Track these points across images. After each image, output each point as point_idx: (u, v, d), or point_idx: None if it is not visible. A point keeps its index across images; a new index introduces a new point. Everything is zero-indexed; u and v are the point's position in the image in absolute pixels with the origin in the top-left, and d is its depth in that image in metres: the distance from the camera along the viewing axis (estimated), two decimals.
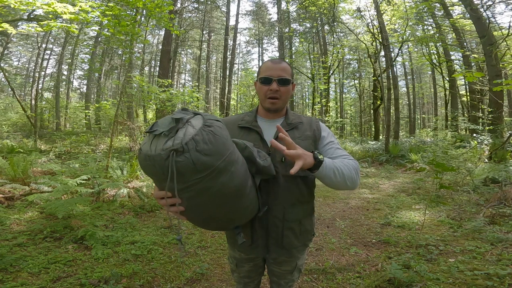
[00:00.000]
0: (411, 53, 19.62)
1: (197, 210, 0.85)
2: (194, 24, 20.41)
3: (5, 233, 2.86)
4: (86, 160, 5.92)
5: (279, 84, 1.07)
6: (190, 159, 0.70)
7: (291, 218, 1.10)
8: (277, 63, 1.10)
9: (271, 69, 1.08)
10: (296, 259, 1.21)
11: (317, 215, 4.09)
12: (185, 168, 0.71)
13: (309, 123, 1.17)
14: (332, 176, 0.96)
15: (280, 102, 1.10)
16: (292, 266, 1.21)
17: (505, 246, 2.64)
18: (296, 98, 30.70)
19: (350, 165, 1.02)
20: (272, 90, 1.07)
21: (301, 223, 1.13)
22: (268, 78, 1.08)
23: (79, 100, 25.70)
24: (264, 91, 1.10)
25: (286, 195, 1.08)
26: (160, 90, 7.79)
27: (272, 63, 1.10)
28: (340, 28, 17.46)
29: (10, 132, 12.54)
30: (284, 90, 1.09)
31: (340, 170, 0.97)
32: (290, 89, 1.11)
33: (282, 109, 1.14)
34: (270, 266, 1.26)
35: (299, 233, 1.13)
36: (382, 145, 10.98)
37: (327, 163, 0.95)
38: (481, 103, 10.90)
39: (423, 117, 28.14)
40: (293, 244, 1.13)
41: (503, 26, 11.10)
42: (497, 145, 7.07)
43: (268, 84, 1.08)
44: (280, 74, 1.07)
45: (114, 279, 2.16)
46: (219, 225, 0.99)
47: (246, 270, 1.27)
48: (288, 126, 1.12)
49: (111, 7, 4.87)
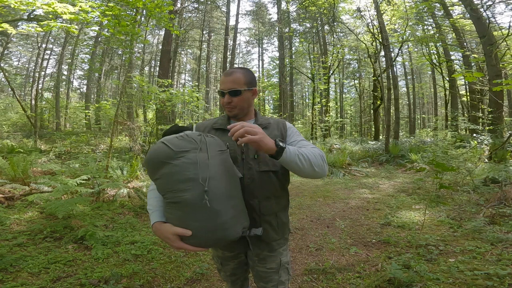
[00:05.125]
0: (411, 53, 19.63)
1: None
2: (194, 24, 20.42)
3: (5, 233, 2.86)
4: (86, 160, 5.92)
5: (230, 95, 1.15)
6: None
7: (267, 212, 1.16)
8: (228, 75, 1.17)
9: (223, 83, 1.17)
10: (279, 254, 1.23)
11: (317, 215, 4.09)
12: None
13: (276, 123, 1.26)
14: (298, 162, 1.00)
15: (236, 110, 1.19)
16: (276, 263, 1.22)
17: (505, 246, 2.64)
18: (296, 98, 30.71)
19: (316, 152, 1.07)
20: (226, 102, 1.17)
21: (277, 216, 1.21)
22: (221, 92, 1.17)
23: (79, 100, 25.68)
24: (221, 102, 1.20)
25: (260, 190, 1.15)
26: (160, 90, 7.78)
27: (224, 76, 1.18)
28: (340, 28, 17.47)
29: (10, 132, 12.55)
30: (237, 100, 1.16)
31: (305, 156, 1.02)
32: (244, 97, 1.18)
33: (242, 114, 1.22)
34: (255, 267, 1.25)
35: (277, 226, 1.20)
36: (382, 145, 10.98)
37: (290, 149, 0.99)
38: (481, 103, 10.90)
39: (423, 117, 28.13)
40: (272, 237, 1.19)
41: (503, 26, 11.11)
42: (497, 145, 7.07)
43: (222, 97, 1.18)
44: (230, 86, 1.15)
45: (114, 279, 2.16)
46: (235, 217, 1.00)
47: (231, 268, 1.32)
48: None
49: (111, 7, 4.87)
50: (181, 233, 0.92)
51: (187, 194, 0.91)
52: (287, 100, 19.06)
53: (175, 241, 0.94)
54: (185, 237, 0.93)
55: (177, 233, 0.93)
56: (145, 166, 1.03)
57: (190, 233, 0.92)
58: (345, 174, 7.49)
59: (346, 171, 7.77)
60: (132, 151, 7.17)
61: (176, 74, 22.00)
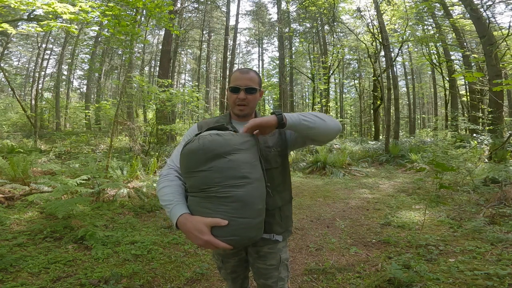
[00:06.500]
0: (411, 53, 19.63)
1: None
2: (194, 24, 20.41)
3: (5, 233, 2.86)
4: (86, 160, 5.92)
5: (246, 92, 1.17)
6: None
7: (271, 206, 1.16)
8: (245, 73, 1.19)
9: (239, 79, 1.17)
10: (279, 251, 1.24)
11: (317, 215, 4.09)
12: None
13: None
14: (305, 122, 1.04)
15: (248, 108, 1.21)
16: (276, 259, 1.23)
17: (505, 246, 2.64)
18: (296, 98, 30.72)
19: (316, 112, 1.11)
20: (240, 99, 1.17)
21: (281, 209, 1.24)
22: (236, 88, 1.17)
23: (79, 100, 25.69)
24: (233, 99, 1.20)
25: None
26: (160, 90, 7.77)
27: (240, 73, 1.19)
28: (340, 28, 17.47)
29: (10, 132, 12.56)
30: (251, 98, 1.19)
31: (308, 115, 1.06)
32: (257, 96, 1.22)
33: (250, 114, 1.25)
34: (255, 263, 1.26)
35: (280, 219, 1.23)
36: (382, 145, 10.98)
37: (291, 115, 1.04)
38: (481, 103, 10.91)
39: (423, 117, 28.13)
40: (276, 230, 1.21)
41: (503, 26, 11.10)
42: (497, 145, 7.07)
43: (236, 93, 1.18)
44: (247, 83, 1.17)
45: (114, 279, 2.16)
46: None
47: (232, 265, 1.33)
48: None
49: (111, 7, 4.87)
50: (217, 223, 0.91)
51: (240, 190, 0.93)
52: (287, 100, 19.05)
53: (207, 233, 0.91)
54: (217, 231, 0.92)
55: (213, 223, 0.91)
56: (191, 155, 0.98)
57: (227, 223, 0.91)
58: (345, 174, 7.49)
59: (346, 171, 7.77)
60: (132, 151, 7.17)
61: (176, 74, 22.01)
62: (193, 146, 0.97)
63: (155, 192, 4.69)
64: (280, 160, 1.22)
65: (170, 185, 1.07)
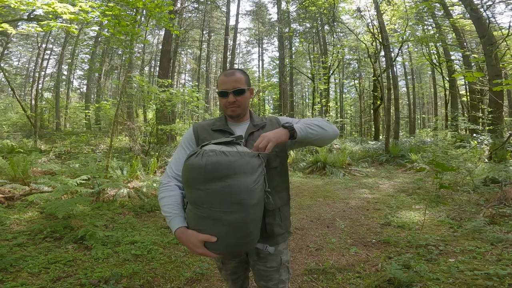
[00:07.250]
0: (411, 53, 19.63)
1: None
2: (194, 24, 20.41)
3: (5, 233, 2.86)
4: (86, 160, 5.92)
5: (235, 95, 1.17)
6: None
7: (271, 207, 1.17)
8: (230, 75, 1.18)
9: (225, 83, 1.17)
10: (280, 253, 1.24)
11: (317, 215, 4.09)
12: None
13: (270, 121, 1.30)
14: (312, 135, 1.11)
15: (240, 109, 1.21)
16: (277, 261, 1.23)
17: (505, 246, 2.64)
18: (296, 98, 30.69)
19: (316, 119, 1.18)
20: (230, 102, 1.18)
21: (280, 210, 1.24)
22: (224, 92, 1.17)
23: (79, 100, 25.69)
24: (223, 103, 1.20)
25: None
26: (160, 90, 7.77)
27: (225, 76, 1.19)
28: (340, 28, 17.47)
29: (10, 132, 12.56)
30: (241, 99, 1.19)
31: (314, 127, 1.12)
32: (246, 96, 1.22)
33: (243, 114, 1.26)
34: (255, 265, 1.26)
35: (280, 220, 1.23)
36: (382, 145, 10.98)
37: (298, 125, 1.10)
38: (481, 103, 10.91)
39: (423, 117, 28.12)
40: (277, 231, 1.21)
41: (503, 26, 11.10)
42: (497, 145, 7.07)
43: (225, 97, 1.18)
44: (234, 85, 1.16)
45: (114, 279, 2.16)
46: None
47: (232, 266, 1.33)
48: (255, 128, 1.24)
49: (111, 7, 4.87)
50: (208, 239, 0.96)
51: (232, 216, 0.93)
52: (287, 100, 19.05)
53: (200, 247, 0.97)
54: (210, 245, 0.97)
55: (205, 239, 0.96)
56: (192, 171, 0.96)
57: (216, 239, 0.95)
58: (345, 174, 7.49)
59: (346, 171, 7.77)
60: (132, 151, 7.17)
61: (176, 74, 22.00)
62: (195, 163, 0.94)
63: (155, 192, 4.69)
64: (279, 161, 1.23)
65: (169, 195, 1.10)
